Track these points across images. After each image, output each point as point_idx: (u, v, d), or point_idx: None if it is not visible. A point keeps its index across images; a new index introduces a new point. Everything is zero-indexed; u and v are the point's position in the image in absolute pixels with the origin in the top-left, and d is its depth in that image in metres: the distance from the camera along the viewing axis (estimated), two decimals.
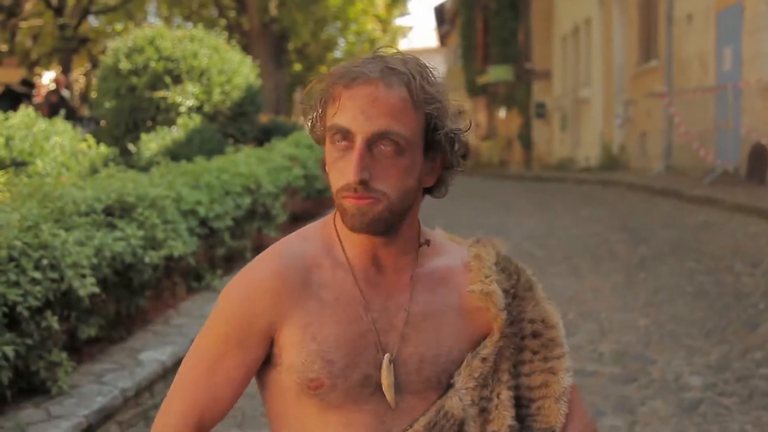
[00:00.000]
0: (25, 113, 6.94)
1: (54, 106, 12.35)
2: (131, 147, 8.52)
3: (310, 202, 8.71)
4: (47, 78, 27.52)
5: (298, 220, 7.78)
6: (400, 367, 1.35)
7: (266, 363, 1.40)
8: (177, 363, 4.11)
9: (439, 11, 37.75)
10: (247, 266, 1.41)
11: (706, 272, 6.10)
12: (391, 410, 1.35)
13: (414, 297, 1.37)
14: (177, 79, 9.38)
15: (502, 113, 26.61)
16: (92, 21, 25.83)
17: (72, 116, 12.38)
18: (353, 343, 1.33)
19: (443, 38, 40.96)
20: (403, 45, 38.23)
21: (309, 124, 1.37)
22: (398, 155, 1.27)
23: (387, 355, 1.34)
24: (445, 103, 1.32)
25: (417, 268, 1.39)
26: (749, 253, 6.62)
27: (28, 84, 13.04)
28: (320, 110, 1.33)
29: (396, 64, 1.29)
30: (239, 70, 10.11)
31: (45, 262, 3.33)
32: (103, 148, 7.80)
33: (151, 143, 8.19)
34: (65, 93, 13.00)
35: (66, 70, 21.13)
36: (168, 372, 4.01)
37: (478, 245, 1.46)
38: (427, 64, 1.33)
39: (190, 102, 9.29)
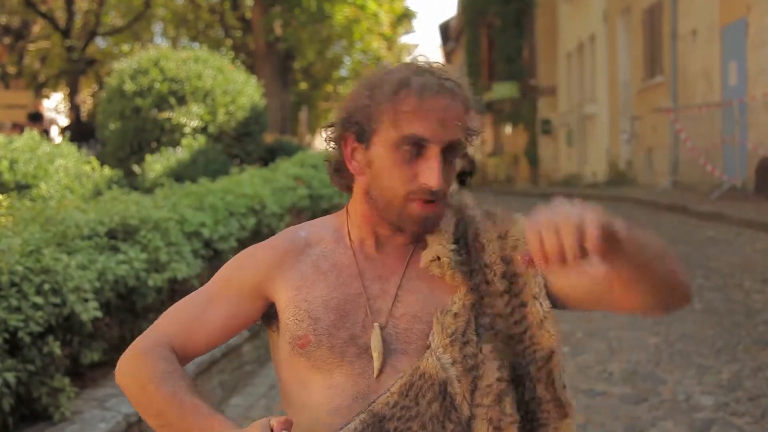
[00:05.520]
0: (29, 135, 6.94)
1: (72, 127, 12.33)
2: (136, 168, 8.52)
3: None
4: (55, 100, 27.66)
5: None
6: (391, 328, 1.39)
7: (275, 330, 1.50)
8: None
9: (444, 29, 37.90)
10: None
11: (715, 289, 6.04)
12: (378, 374, 1.37)
13: (409, 266, 1.43)
14: (181, 100, 9.39)
15: (508, 130, 26.62)
16: (99, 42, 25.99)
17: (92, 135, 12.38)
18: (341, 305, 1.40)
19: (448, 56, 41.06)
20: None
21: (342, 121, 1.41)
22: (455, 160, 1.36)
23: (377, 324, 1.38)
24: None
25: (417, 243, 1.45)
26: (758, 269, 6.56)
27: (37, 116, 13.02)
28: (369, 118, 1.36)
29: (446, 74, 1.35)
30: (244, 91, 10.10)
31: (47, 286, 3.30)
32: (107, 170, 7.80)
33: (155, 164, 8.18)
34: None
35: (73, 91, 21.23)
36: None
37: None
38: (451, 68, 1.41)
39: (195, 123, 9.28)
